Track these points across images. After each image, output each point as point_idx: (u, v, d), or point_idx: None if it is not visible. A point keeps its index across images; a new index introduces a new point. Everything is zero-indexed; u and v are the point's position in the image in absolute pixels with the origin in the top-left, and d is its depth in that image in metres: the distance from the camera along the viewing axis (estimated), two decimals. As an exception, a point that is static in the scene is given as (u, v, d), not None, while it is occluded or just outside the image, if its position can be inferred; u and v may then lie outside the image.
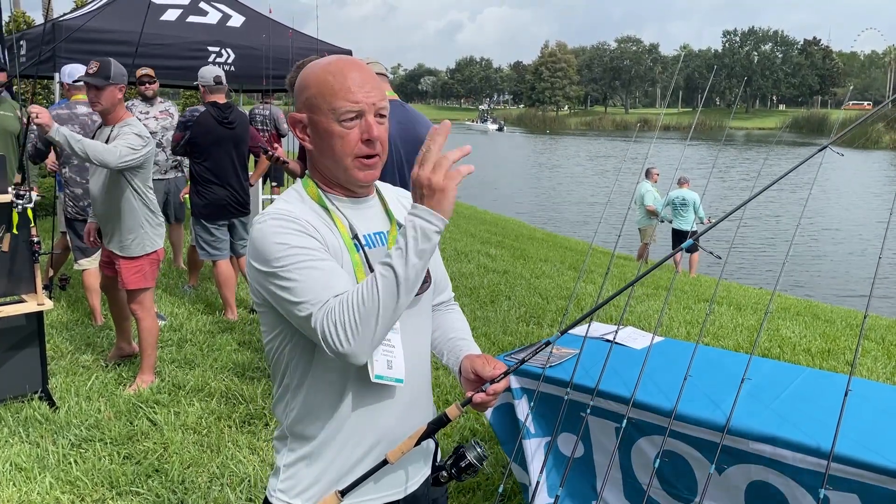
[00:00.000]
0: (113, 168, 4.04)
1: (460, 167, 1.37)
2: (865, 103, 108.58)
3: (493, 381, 1.56)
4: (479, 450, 1.56)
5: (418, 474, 1.66)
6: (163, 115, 6.83)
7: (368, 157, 1.51)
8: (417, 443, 1.52)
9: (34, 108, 3.81)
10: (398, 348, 1.53)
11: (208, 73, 5.69)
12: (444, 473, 1.57)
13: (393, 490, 1.61)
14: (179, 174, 7.04)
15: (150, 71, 6.73)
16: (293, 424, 1.57)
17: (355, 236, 1.54)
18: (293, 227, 1.44)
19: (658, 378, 2.76)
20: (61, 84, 6.04)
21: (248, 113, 8.16)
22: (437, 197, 1.35)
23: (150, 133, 6.64)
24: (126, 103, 6.82)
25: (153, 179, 6.77)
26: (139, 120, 6.62)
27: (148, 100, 6.81)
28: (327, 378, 1.52)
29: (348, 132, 1.48)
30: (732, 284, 10.61)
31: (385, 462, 1.51)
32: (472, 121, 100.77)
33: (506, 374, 1.56)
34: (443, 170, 1.35)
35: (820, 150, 2.14)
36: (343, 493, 1.52)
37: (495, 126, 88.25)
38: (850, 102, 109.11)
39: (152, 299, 4.51)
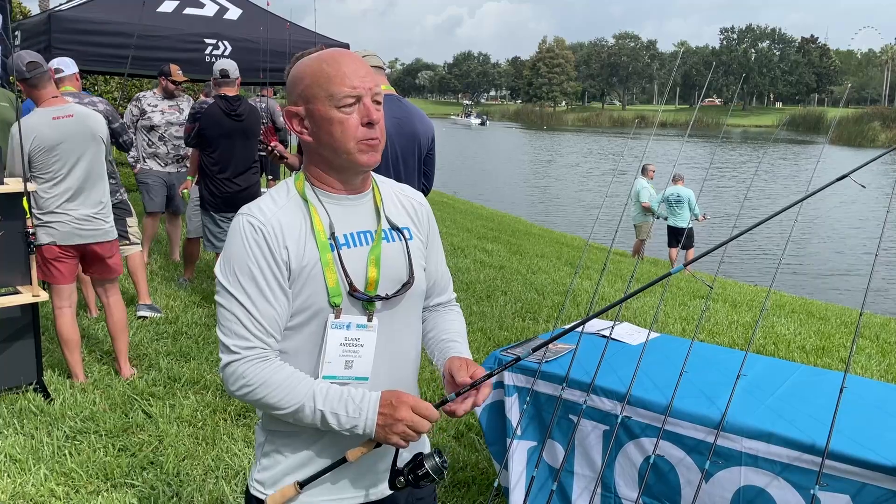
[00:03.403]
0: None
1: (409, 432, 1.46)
2: (717, 99, 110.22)
3: (460, 393, 1.54)
4: (437, 459, 1.50)
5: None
6: (171, 110, 6.83)
7: (370, 139, 1.51)
8: (377, 445, 1.50)
9: None
10: (367, 347, 1.54)
11: (216, 66, 5.77)
12: (402, 479, 1.52)
13: (371, 490, 1.60)
14: (183, 168, 7.02)
15: (177, 72, 6.75)
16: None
17: (332, 235, 1.53)
18: (255, 247, 1.48)
19: (654, 374, 2.77)
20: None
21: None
22: (388, 422, 1.46)
23: (153, 126, 6.68)
24: (140, 94, 6.85)
25: (153, 171, 6.79)
26: (146, 111, 6.65)
27: (170, 96, 6.82)
28: None
29: (348, 117, 1.48)
30: (728, 281, 10.63)
31: (344, 460, 1.50)
32: (458, 115, 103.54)
33: (472, 386, 1.53)
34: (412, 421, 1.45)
35: (839, 179, 2.16)
36: (301, 484, 1.53)
37: (478, 121, 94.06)
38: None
39: (60, 296, 4.31)
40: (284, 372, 1.48)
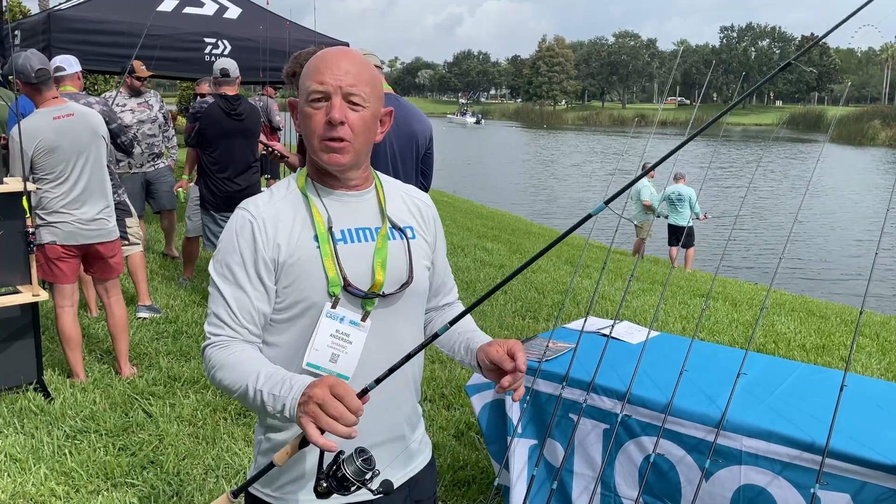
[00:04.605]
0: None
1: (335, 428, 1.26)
2: (672, 99, 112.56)
3: (380, 380, 1.43)
4: (358, 462, 1.31)
5: (395, 475, 1.62)
6: (140, 108, 6.72)
7: (332, 139, 1.48)
8: (301, 446, 1.40)
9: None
10: (355, 345, 1.52)
11: (217, 65, 5.76)
12: (323, 483, 1.34)
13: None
14: (161, 164, 6.96)
15: (141, 68, 6.66)
16: (262, 414, 1.58)
17: (329, 229, 1.53)
18: (241, 239, 1.51)
19: (654, 373, 2.76)
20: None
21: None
22: (303, 400, 1.31)
23: (125, 126, 6.59)
24: (105, 94, 6.79)
25: (128, 175, 6.73)
26: (115, 112, 6.58)
27: (136, 93, 6.74)
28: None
29: (315, 112, 1.48)
30: (728, 280, 10.63)
31: (272, 465, 1.43)
32: (454, 114, 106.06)
33: (391, 371, 1.42)
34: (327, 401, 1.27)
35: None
36: (235, 494, 1.45)
37: (473, 119, 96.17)
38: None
39: (63, 295, 4.31)
40: (240, 355, 1.47)
